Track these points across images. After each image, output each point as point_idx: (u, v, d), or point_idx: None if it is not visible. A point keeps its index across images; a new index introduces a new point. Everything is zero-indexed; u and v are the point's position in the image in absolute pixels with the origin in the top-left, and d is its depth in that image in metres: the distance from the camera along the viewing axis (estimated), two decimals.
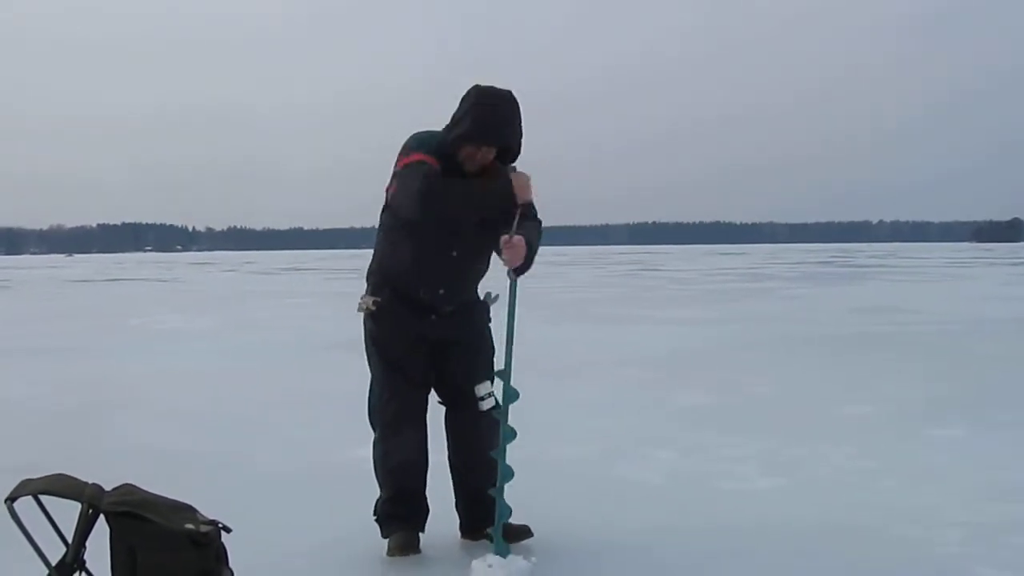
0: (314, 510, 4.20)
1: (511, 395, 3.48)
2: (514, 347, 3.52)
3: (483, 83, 3.45)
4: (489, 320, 3.68)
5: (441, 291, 3.54)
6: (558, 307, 16.11)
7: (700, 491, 4.49)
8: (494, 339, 3.71)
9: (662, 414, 6.43)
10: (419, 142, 3.44)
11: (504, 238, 3.39)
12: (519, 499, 3.57)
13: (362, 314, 3.64)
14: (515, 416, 3.52)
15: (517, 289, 3.50)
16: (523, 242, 3.40)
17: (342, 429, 4.39)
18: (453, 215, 3.41)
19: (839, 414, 6.33)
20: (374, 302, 3.57)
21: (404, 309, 3.56)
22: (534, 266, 3.52)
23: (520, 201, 3.37)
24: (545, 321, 13.21)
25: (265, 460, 5.17)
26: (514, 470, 3.49)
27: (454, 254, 3.52)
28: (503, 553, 3.42)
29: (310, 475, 4.84)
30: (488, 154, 3.44)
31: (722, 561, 3.51)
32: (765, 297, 18.86)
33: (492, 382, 3.56)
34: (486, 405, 3.52)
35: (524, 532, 3.62)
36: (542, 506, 4.05)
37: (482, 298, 3.69)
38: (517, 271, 3.44)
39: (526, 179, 3.40)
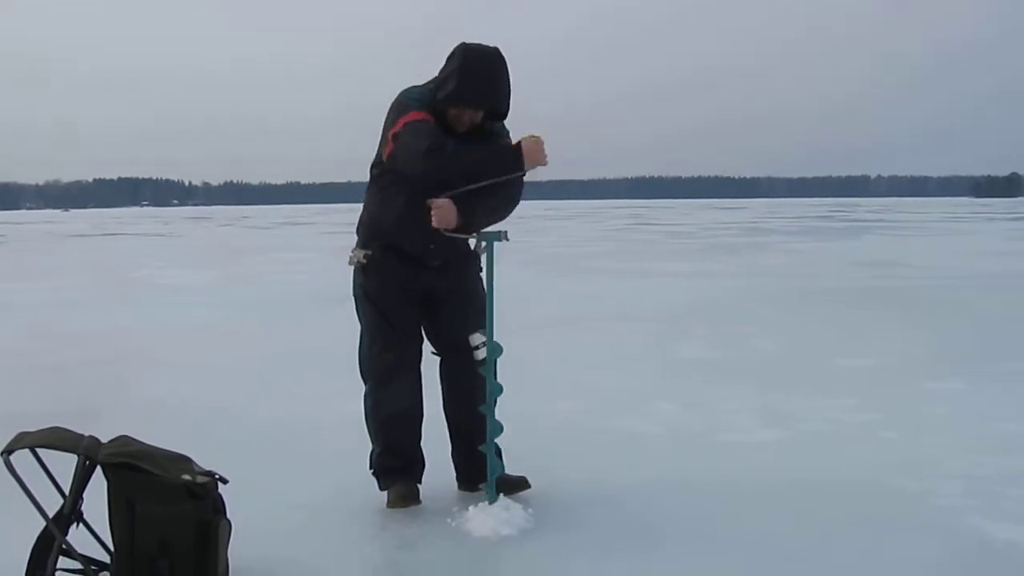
0: (314, 462, 4.20)
1: (495, 349, 3.48)
2: (498, 304, 3.50)
3: (472, 40, 3.41)
4: (480, 270, 3.67)
5: (431, 246, 3.54)
6: (555, 261, 16.08)
7: (700, 444, 4.49)
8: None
9: (662, 368, 6.42)
10: (416, 100, 3.41)
11: (431, 200, 3.37)
12: (514, 453, 3.57)
13: (353, 267, 3.64)
14: (511, 370, 3.50)
15: (494, 251, 3.48)
16: (449, 205, 3.36)
17: (341, 382, 4.37)
18: (462, 176, 3.36)
19: (839, 367, 6.33)
20: (364, 255, 3.58)
21: (394, 261, 3.57)
22: (516, 222, 3.50)
23: (528, 166, 3.32)
24: (542, 275, 13.19)
25: (264, 412, 5.17)
26: (504, 425, 3.48)
27: None
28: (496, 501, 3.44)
29: (310, 427, 4.83)
30: (476, 115, 3.43)
31: (721, 514, 3.51)
32: (766, 251, 18.84)
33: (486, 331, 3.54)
34: (481, 355, 3.51)
35: (521, 483, 3.63)
36: (539, 460, 4.05)
37: (472, 248, 3.67)
38: (456, 231, 3.40)
39: (536, 143, 3.32)
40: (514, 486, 3.56)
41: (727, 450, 4.38)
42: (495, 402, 3.48)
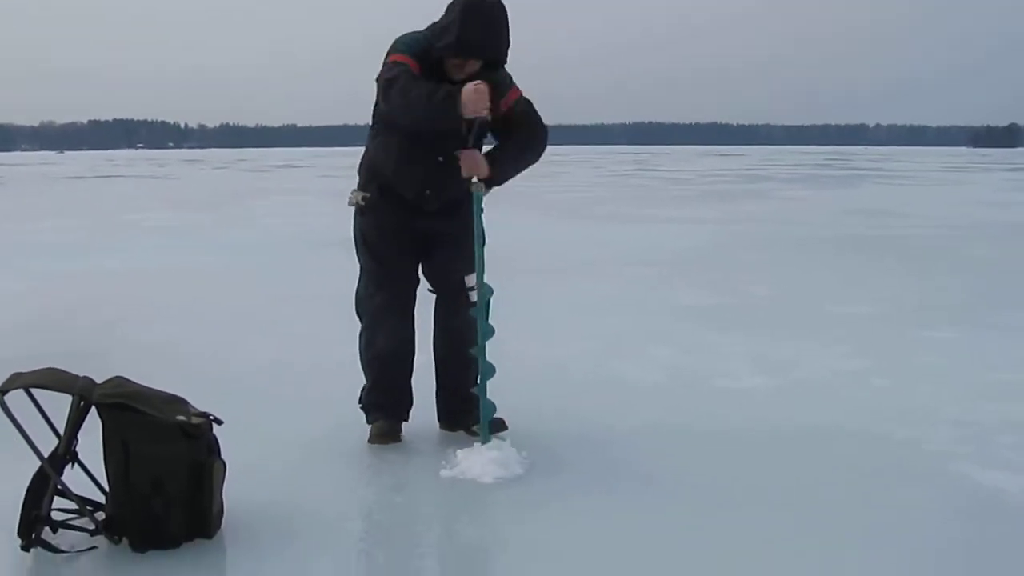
0: (309, 404, 4.21)
1: (486, 291, 3.48)
2: (499, 248, 3.50)
3: None
4: (482, 211, 3.63)
5: (427, 192, 3.56)
6: (554, 206, 16.02)
7: (695, 389, 4.51)
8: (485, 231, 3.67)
9: (660, 313, 6.43)
10: (405, 45, 3.43)
11: (459, 149, 3.44)
12: (508, 397, 3.59)
13: (352, 209, 3.66)
14: (510, 314, 3.50)
15: (481, 203, 3.48)
16: (476, 155, 3.44)
17: (340, 325, 4.38)
18: (402, 112, 3.36)
19: (833, 314, 6.35)
20: (363, 197, 3.60)
21: (391, 204, 3.58)
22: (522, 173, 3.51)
23: (468, 115, 3.30)
24: (540, 220, 13.16)
25: (260, 355, 5.18)
26: (496, 367, 3.49)
27: (440, 159, 3.51)
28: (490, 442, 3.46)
29: (306, 370, 4.84)
30: (474, 65, 3.41)
31: (712, 458, 3.54)
32: (763, 198, 18.78)
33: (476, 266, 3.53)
34: (476, 295, 3.50)
35: (499, 425, 3.65)
36: (533, 403, 4.08)
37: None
38: (487, 183, 3.47)
39: (476, 92, 3.28)
40: (492, 427, 3.57)
41: (721, 396, 4.40)
42: (485, 344, 3.48)
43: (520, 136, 3.53)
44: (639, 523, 2.95)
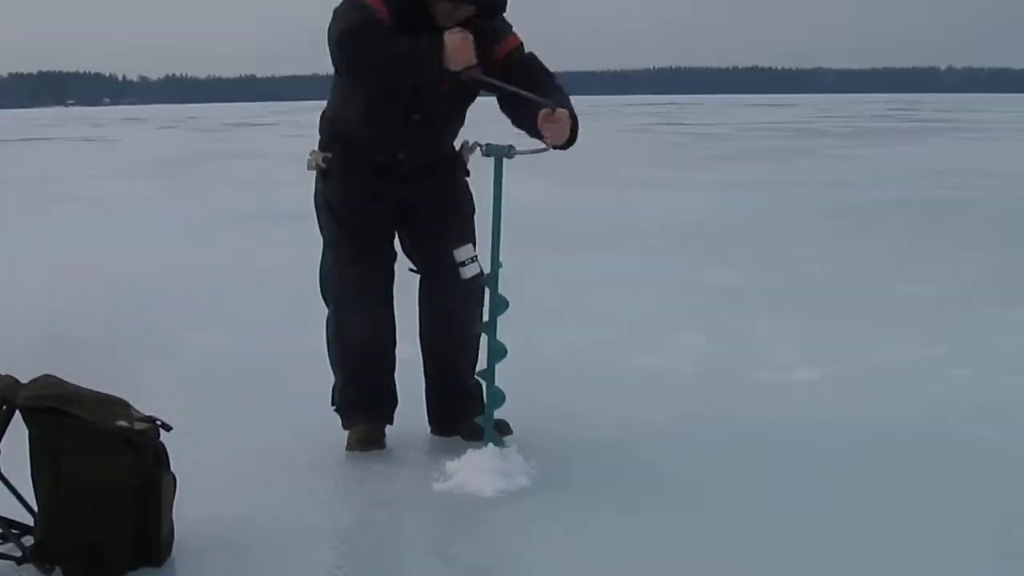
0: (272, 405, 4.22)
1: (498, 264, 3.47)
2: (504, 222, 3.50)
3: None
4: (467, 174, 3.66)
5: (400, 155, 3.57)
6: (567, 168, 15.90)
7: (732, 384, 4.52)
8: (475, 197, 3.69)
9: (690, 294, 6.44)
10: None
11: (544, 112, 3.34)
12: (512, 394, 3.58)
13: (313, 173, 3.66)
14: (512, 297, 3.49)
15: (503, 168, 3.45)
16: (567, 116, 3.37)
17: (304, 311, 4.38)
18: (370, 71, 3.36)
19: (899, 294, 6.35)
20: (324, 159, 3.60)
21: (359, 166, 3.59)
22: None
23: (453, 67, 3.29)
24: (551, 185, 13.13)
25: (211, 347, 5.19)
26: (508, 348, 3.48)
27: (416, 118, 3.52)
28: (497, 444, 3.47)
29: (266, 364, 4.86)
30: (468, 10, 3.40)
31: (755, 466, 3.53)
32: (813, 157, 18.75)
33: (475, 245, 3.54)
34: (469, 272, 3.50)
35: (501, 429, 3.64)
36: (543, 401, 4.09)
37: (458, 149, 3.66)
38: (564, 146, 3.44)
39: (460, 41, 3.27)
40: (497, 431, 3.56)
41: (764, 391, 4.40)
42: (496, 320, 3.47)
43: (551, 83, 3.50)
44: (667, 544, 2.95)
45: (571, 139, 3.43)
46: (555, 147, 3.43)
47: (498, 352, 3.48)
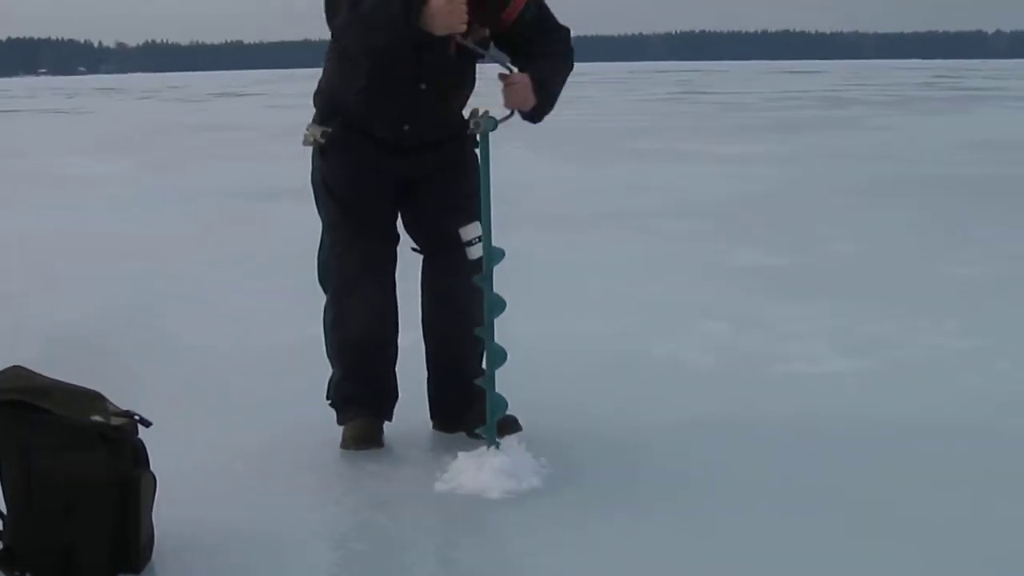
0: (262, 400, 4.22)
1: (494, 255, 3.46)
2: (504, 196, 3.51)
3: None
4: (476, 145, 3.64)
5: (405, 127, 3.58)
6: (580, 141, 15.96)
7: (758, 376, 4.52)
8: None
9: (712, 277, 6.44)
10: None
11: (504, 74, 3.44)
12: (520, 389, 3.59)
13: (309, 149, 3.67)
14: (518, 281, 3.51)
15: (489, 141, 3.48)
16: (526, 82, 3.44)
17: (298, 298, 4.39)
18: (362, 46, 3.41)
19: (940, 277, 6.35)
20: (323, 133, 3.60)
21: (360, 141, 3.60)
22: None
23: (438, 32, 3.31)
24: (563, 160, 13.12)
25: (195, 335, 5.19)
26: (507, 351, 3.47)
27: (423, 87, 3.53)
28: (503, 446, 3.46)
29: (256, 356, 4.87)
30: None
31: (783, 465, 3.53)
32: (848, 128, 18.69)
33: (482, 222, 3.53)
34: (476, 252, 3.50)
35: (511, 425, 3.65)
36: (551, 395, 4.08)
37: (467, 117, 3.64)
38: (531, 116, 3.50)
39: (447, 3, 3.27)
40: (502, 428, 3.58)
41: (792, 384, 4.41)
42: (494, 322, 3.48)
43: (548, 46, 3.54)
44: (688, 552, 2.95)
45: (541, 108, 3.49)
46: (523, 116, 3.49)
47: (497, 356, 3.47)
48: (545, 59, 3.54)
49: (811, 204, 9.42)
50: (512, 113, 3.50)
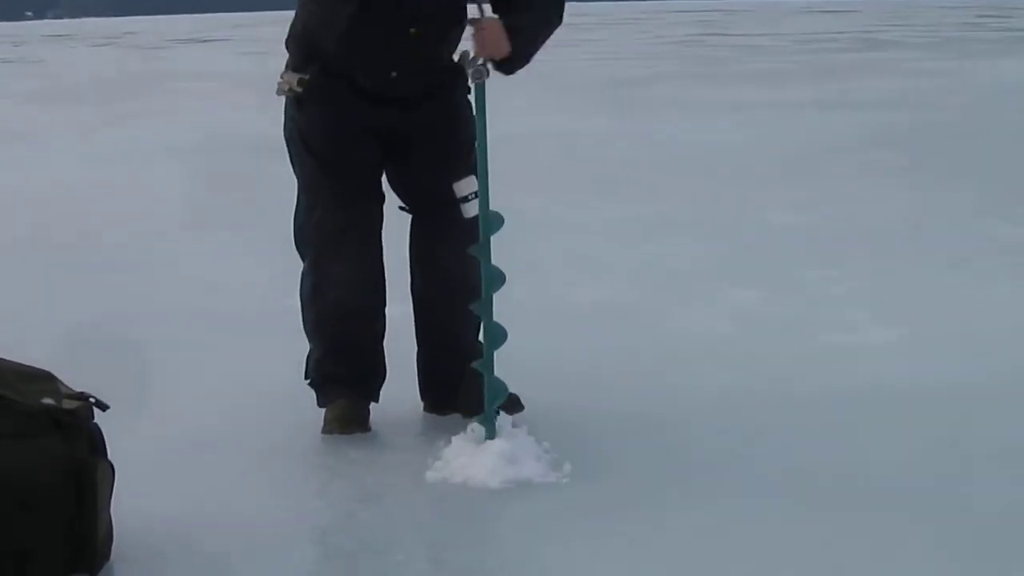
0: (228, 377, 4.23)
1: (492, 223, 3.43)
2: (503, 151, 3.50)
3: None
4: (468, 91, 3.63)
5: (392, 75, 3.58)
6: (587, 89, 15.95)
7: (790, 349, 4.50)
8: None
9: (741, 239, 6.44)
10: None
11: (475, 19, 3.45)
12: (524, 364, 3.58)
13: (284, 99, 3.66)
14: (520, 246, 3.49)
15: (485, 92, 3.47)
16: (497, 27, 3.44)
17: (270, 265, 4.37)
18: None
19: (990, 239, 6.35)
20: (299, 81, 3.59)
21: (341, 90, 3.60)
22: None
23: None
24: (569, 111, 13.10)
25: (156, 310, 5.17)
26: (507, 330, 3.45)
27: (412, 31, 3.53)
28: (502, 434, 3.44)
29: (223, 329, 4.86)
30: None
31: (819, 451, 3.52)
32: (887, 73, 18.65)
33: (477, 179, 3.51)
34: (472, 210, 3.49)
35: (511, 405, 3.62)
36: (558, 373, 4.08)
37: (457, 60, 3.65)
38: (503, 66, 3.49)
39: None
40: (504, 409, 3.55)
41: (830, 356, 4.40)
42: (492, 297, 3.45)
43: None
44: (712, 548, 2.94)
45: (515, 58, 3.48)
46: (495, 67, 3.47)
47: (496, 336, 3.44)
48: (527, 10, 3.52)
49: (846, 157, 9.39)
50: (484, 63, 3.48)
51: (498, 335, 3.44)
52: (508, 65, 3.50)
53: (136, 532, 2.90)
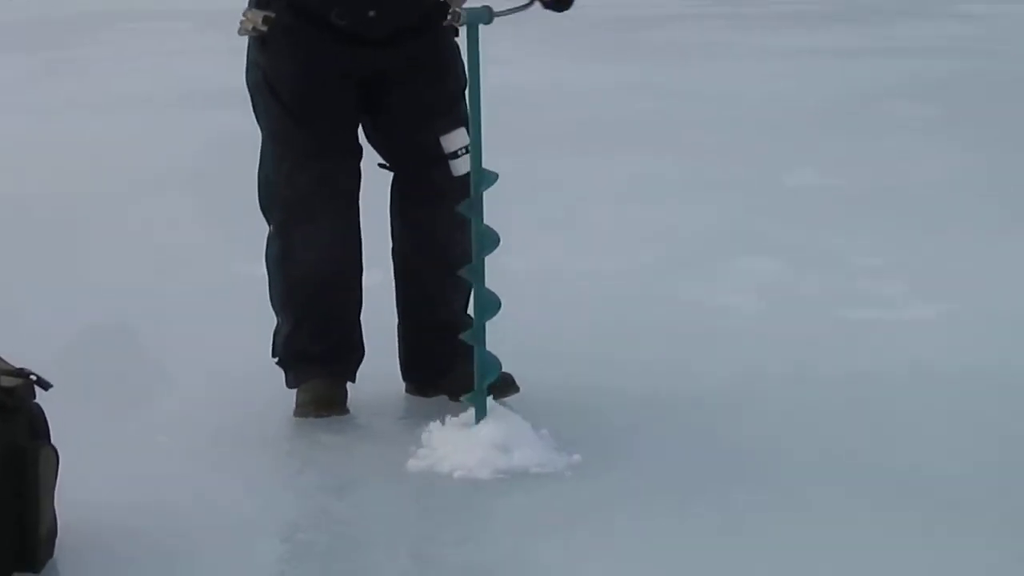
0: (186, 353, 4.23)
1: (485, 179, 3.43)
2: (496, 104, 3.49)
3: None
4: (456, 33, 3.66)
5: (371, 13, 3.58)
6: (593, 32, 15.83)
7: (815, 323, 4.54)
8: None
9: (761, 202, 6.43)
10: None
11: None
12: (519, 341, 3.59)
13: (246, 40, 3.67)
14: (516, 210, 3.49)
15: (478, 33, 3.44)
16: None
17: (231, 226, 4.36)
18: None
19: None
20: (264, 19, 3.59)
21: (313, 29, 3.60)
22: None
23: None
24: (570, 56, 12.99)
25: (106, 275, 5.18)
26: (500, 299, 3.46)
27: None
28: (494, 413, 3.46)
29: (178, 302, 4.85)
30: None
31: (855, 439, 3.54)
32: (933, 15, 18.55)
33: (468, 132, 3.52)
34: (462, 166, 3.51)
35: (505, 387, 3.64)
36: (562, 344, 4.12)
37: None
38: (553, 3, 3.51)
39: None
40: (493, 390, 3.57)
41: (861, 333, 4.43)
42: (484, 261, 3.46)
43: None
44: (731, 544, 2.97)
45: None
46: (544, 4, 3.48)
47: (488, 305, 3.44)
48: None
49: (885, 110, 9.35)
50: (531, 1, 3.48)
51: (490, 303, 3.45)
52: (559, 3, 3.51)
53: (83, 526, 2.92)
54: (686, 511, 3.11)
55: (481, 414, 3.45)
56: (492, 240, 3.44)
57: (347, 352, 3.76)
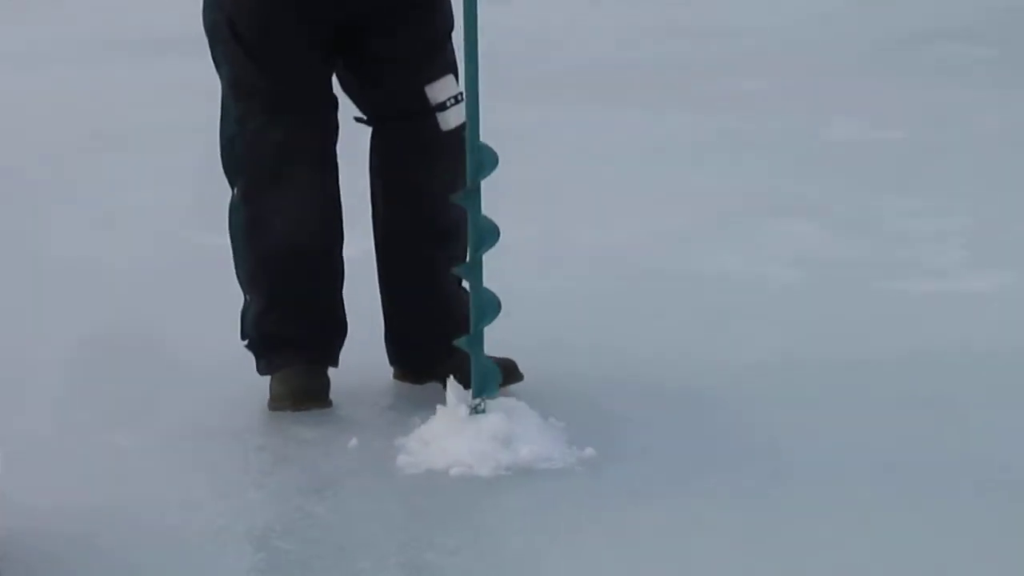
0: (141, 339, 4.22)
1: (484, 160, 3.40)
2: (488, 53, 3.46)
3: None
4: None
5: None
6: None
7: (859, 296, 4.56)
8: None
9: (792, 159, 6.42)
10: None
11: None
12: (523, 323, 3.62)
13: None
14: (519, 172, 3.47)
15: None
16: None
17: (189, 191, 4.34)
18: None
19: None
20: None
21: None
22: None
23: None
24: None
25: (57, 245, 5.21)
26: (500, 301, 3.44)
27: None
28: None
29: (138, 271, 4.87)
30: None
31: (902, 426, 3.55)
32: None
33: (458, 79, 3.52)
34: (452, 119, 3.52)
35: (508, 373, 3.64)
36: (570, 325, 4.13)
37: None
38: None
39: None
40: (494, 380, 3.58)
41: (908, 308, 4.45)
42: (482, 258, 3.45)
43: None
44: (761, 550, 2.97)
45: None
46: None
47: (487, 308, 3.43)
48: None
49: (937, 53, 9.35)
50: None
51: (489, 305, 3.43)
52: None
53: (28, 533, 2.93)
54: (709, 511, 3.12)
55: (480, 407, 3.43)
56: (491, 235, 3.42)
57: (327, 333, 3.75)
